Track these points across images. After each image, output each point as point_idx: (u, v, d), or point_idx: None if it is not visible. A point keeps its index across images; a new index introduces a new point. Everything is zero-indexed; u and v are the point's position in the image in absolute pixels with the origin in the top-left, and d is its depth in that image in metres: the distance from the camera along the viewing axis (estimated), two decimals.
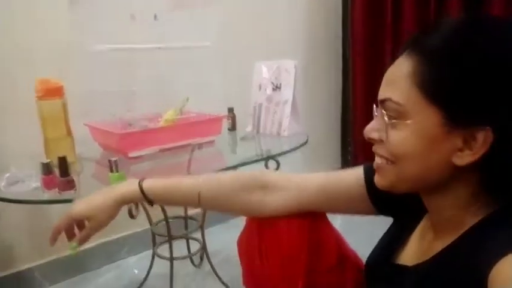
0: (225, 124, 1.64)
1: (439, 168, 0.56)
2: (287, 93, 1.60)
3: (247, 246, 0.83)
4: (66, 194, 1.01)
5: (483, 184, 0.56)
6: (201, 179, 0.80)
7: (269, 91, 1.64)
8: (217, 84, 2.04)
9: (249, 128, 1.69)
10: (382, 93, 0.59)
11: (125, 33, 1.75)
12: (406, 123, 0.56)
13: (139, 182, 0.78)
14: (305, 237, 0.78)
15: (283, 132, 1.59)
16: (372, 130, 0.61)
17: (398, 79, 0.56)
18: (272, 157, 1.34)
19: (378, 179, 0.64)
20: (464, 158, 0.54)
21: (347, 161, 2.80)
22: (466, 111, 0.53)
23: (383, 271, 0.71)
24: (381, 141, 0.60)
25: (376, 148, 0.62)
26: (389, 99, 0.57)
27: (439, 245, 0.60)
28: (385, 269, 0.71)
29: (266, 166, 1.38)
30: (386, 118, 0.58)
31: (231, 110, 1.71)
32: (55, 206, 1.01)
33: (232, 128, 1.72)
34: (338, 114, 2.82)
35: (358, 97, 2.62)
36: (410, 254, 0.69)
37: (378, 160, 0.62)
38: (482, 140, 0.52)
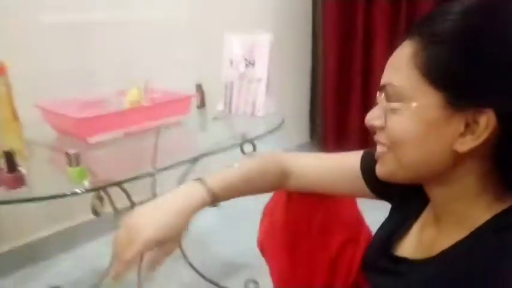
0: (194, 102, 1.52)
1: (440, 155, 0.54)
2: (261, 70, 1.49)
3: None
4: (16, 192, 0.87)
5: (492, 174, 0.54)
6: (249, 167, 0.77)
7: (242, 68, 1.52)
8: (185, 59, 1.89)
9: (220, 107, 1.58)
10: (384, 78, 0.58)
11: (81, 3, 1.56)
12: (406, 106, 0.54)
13: (207, 189, 0.69)
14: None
15: (258, 112, 1.48)
16: (373, 117, 0.60)
17: (400, 63, 0.56)
18: (249, 141, 1.24)
19: (378, 168, 0.62)
20: (466, 144, 0.52)
21: (316, 135, 2.76)
22: (468, 94, 0.52)
23: (383, 262, 0.69)
24: (382, 128, 0.58)
25: (377, 136, 0.60)
26: (390, 84, 0.56)
27: (444, 241, 0.58)
28: (384, 260, 0.69)
29: (242, 150, 1.28)
30: (387, 102, 0.57)
31: (199, 87, 1.58)
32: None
33: (201, 105, 1.60)
34: (307, 89, 2.74)
35: (328, 72, 2.54)
36: (411, 246, 0.67)
37: (379, 149, 0.61)
38: (485, 123, 0.51)
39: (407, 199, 0.71)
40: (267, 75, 1.48)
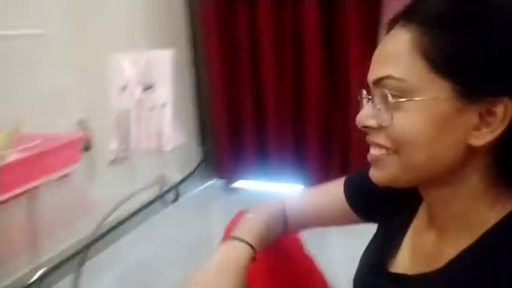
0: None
1: (452, 153, 0.50)
2: (165, 93, 1.22)
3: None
4: None
5: (492, 170, 0.50)
6: (267, 215, 0.77)
7: (138, 93, 1.23)
8: (62, 88, 1.48)
9: (114, 146, 1.26)
10: (377, 72, 0.52)
11: None
12: (413, 101, 0.49)
13: (248, 245, 0.70)
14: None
15: (166, 146, 1.21)
16: (367, 117, 0.54)
17: (397, 53, 0.50)
18: (169, 191, 0.96)
19: (375, 173, 0.56)
20: (482, 137, 0.48)
21: (209, 160, 2.52)
22: (482, 81, 0.47)
23: (379, 283, 0.63)
24: (380, 128, 0.53)
25: (372, 137, 0.55)
26: (389, 77, 0.50)
27: (449, 249, 0.53)
28: (382, 281, 0.63)
29: (162, 198, 1.00)
30: (390, 98, 0.50)
31: (83, 124, 1.25)
32: None
33: (87, 148, 1.26)
34: (192, 108, 2.49)
35: (216, 89, 2.35)
36: (406, 261, 0.61)
37: (374, 151, 0.55)
38: (503, 113, 0.47)
39: (393, 213, 0.67)
40: (173, 98, 1.22)
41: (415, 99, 0.49)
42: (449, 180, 0.52)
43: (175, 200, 1.46)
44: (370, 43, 2.05)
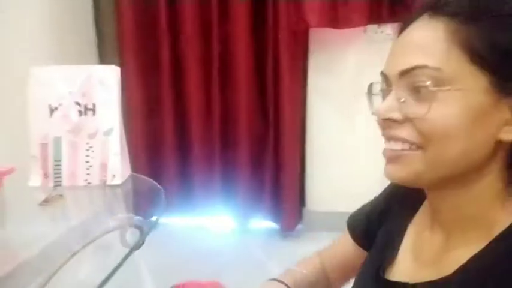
0: None
1: (482, 149, 0.49)
2: (109, 117, 1.02)
3: None
4: None
5: (506, 169, 0.50)
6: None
7: (74, 116, 1.01)
8: None
9: (36, 182, 1.00)
10: (406, 62, 0.50)
11: None
12: (449, 91, 0.48)
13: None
14: None
15: (113, 179, 1.00)
16: (390, 109, 0.51)
17: (430, 43, 0.49)
18: (137, 247, 0.77)
19: (394, 171, 0.53)
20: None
21: None
22: None
23: None
24: (404, 121, 0.51)
25: (393, 131, 0.52)
26: (424, 66, 0.49)
27: (459, 254, 0.50)
28: None
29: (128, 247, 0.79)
30: (430, 85, 0.48)
31: None
32: None
33: None
34: None
35: (133, 112, 2.13)
36: (408, 267, 0.58)
37: (396, 146, 0.52)
38: None
39: (388, 224, 0.67)
40: (119, 123, 1.02)
41: (452, 89, 0.47)
42: (466, 179, 0.51)
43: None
44: (301, 60, 2.06)
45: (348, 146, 2.19)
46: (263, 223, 2.20)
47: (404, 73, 0.50)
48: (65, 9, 1.97)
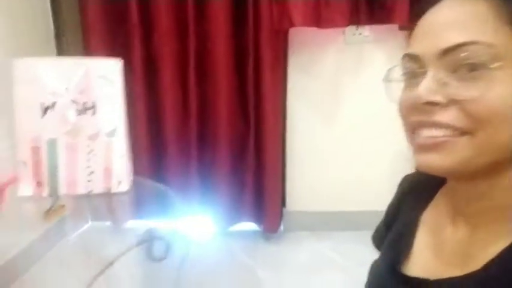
0: None
1: None
2: (112, 116, 0.92)
3: None
4: None
5: None
6: None
7: (72, 116, 0.89)
8: None
9: (27, 191, 0.88)
10: (450, 39, 0.46)
11: None
12: (503, 69, 0.44)
13: None
14: None
15: (119, 185, 0.89)
16: (432, 91, 0.47)
17: (474, 19, 0.46)
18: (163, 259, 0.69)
19: (436, 160, 0.48)
20: None
21: None
22: None
23: None
24: (449, 103, 0.46)
25: (435, 116, 0.47)
26: (476, 42, 0.44)
27: (487, 248, 0.47)
28: (397, 286, 0.57)
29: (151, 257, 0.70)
30: (487, 62, 0.44)
31: None
32: None
33: None
34: None
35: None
36: (428, 262, 0.55)
37: (438, 133, 0.47)
38: None
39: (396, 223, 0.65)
40: (125, 123, 0.92)
41: (506, 66, 0.44)
42: (502, 165, 0.47)
43: None
44: (282, 60, 2.01)
45: (326, 147, 2.17)
46: (245, 225, 2.13)
47: (448, 51, 0.46)
48: None
